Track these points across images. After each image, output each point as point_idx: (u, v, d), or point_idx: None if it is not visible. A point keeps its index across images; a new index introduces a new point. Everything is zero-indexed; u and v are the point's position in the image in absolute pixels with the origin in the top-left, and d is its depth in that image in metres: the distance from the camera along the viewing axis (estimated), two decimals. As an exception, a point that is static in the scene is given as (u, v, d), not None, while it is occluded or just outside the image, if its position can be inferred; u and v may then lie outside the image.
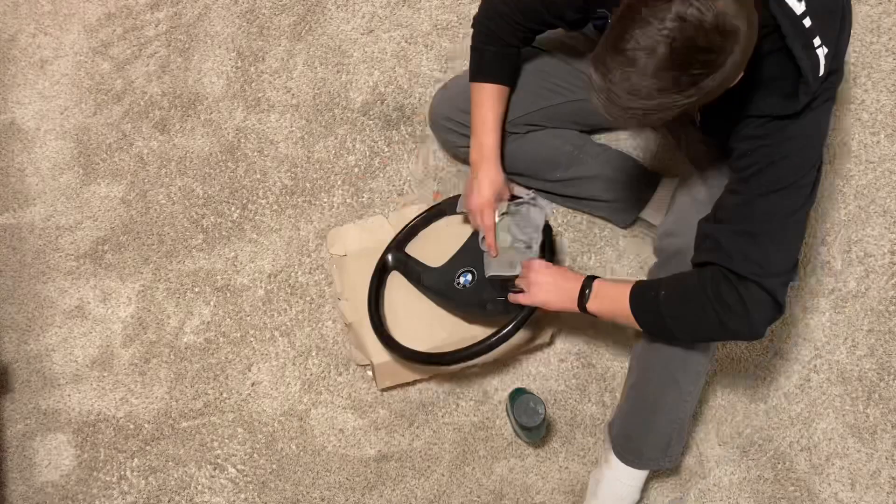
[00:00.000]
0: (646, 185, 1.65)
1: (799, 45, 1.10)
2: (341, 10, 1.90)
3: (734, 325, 1.18)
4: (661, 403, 1.41)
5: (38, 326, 1.78)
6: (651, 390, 1.42)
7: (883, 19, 1.75)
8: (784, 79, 1.13)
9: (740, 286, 1.16)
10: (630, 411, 1.46)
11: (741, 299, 1.16)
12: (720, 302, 1.17)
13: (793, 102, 1.12)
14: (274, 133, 1.84)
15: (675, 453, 1.46)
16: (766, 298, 1.16)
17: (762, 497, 1.56)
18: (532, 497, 1.60)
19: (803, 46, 1.10)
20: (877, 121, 1.71)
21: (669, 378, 1.39)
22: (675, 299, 1.23)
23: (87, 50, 1.95)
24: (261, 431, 1.68)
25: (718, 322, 1.18)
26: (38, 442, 1.72)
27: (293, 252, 1.77)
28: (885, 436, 1.57)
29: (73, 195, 1.86)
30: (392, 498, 1.62)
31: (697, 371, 1.40)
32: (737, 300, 1.16)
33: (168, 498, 1.67)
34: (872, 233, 1.65)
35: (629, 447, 1.45)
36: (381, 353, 1.60)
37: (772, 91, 1.14)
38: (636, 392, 1.44)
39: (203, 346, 1.74)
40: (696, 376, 1.40)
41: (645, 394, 1.43)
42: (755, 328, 1.18)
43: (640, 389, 1.43)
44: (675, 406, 1.41)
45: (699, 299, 1.19)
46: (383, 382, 1.64)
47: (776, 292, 1.16)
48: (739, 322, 1.17)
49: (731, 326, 1.18)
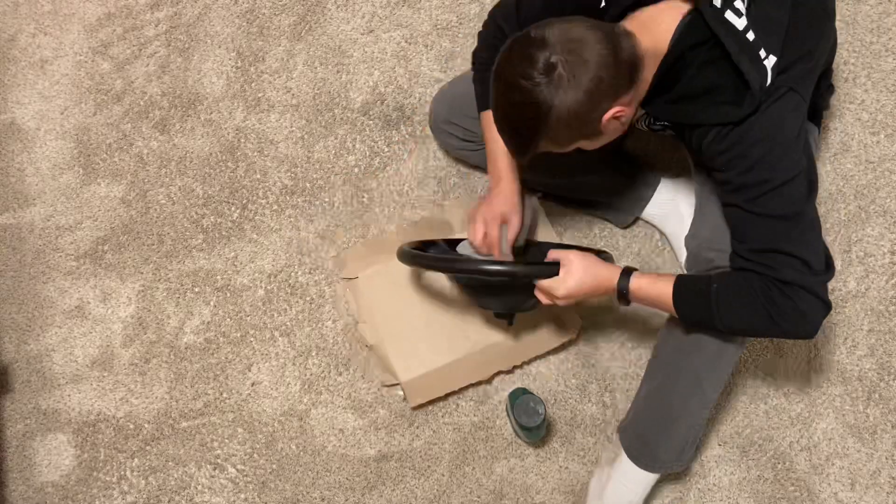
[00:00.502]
0: (645, 185, 1.64)
1: (745, 59, 1.12)
2: (341, 10, 1.90)
3: (788, 327, 1.19)
4: (685, 410, 1.40)
5: (38, 326, 1.78)
6: (676, 396, 1.40)
7: (883, 19, 1.75)
8: (725, 86, 1.14)
9: (790, 292, 1.16)
10: (650, 415, 1.45)
11: (795, 305, 1.17)
12: (775, 306, 1.18)
13: (738, 109, 1.14)
14: (274, 133, 1.84)
15: (687, 456, 1.46)
16: (814, 300, 1.17)
17: (762, 497, 1.56)
18: (532, 497, 1.60)
19: (750, 60, 1.12)
20: (877, 121, 1.71)
21: (696, 385, 1.38)
22: (728, 295, 1.22)
23: (87, 50, 1.95)
24: (261, 431, 1.68)
25: (772, 323, 1.19)
26: (38, 442, 1.72)
27: (293, 252, 1.77)
28: (885, 436, 1.57)
29: (73, 195, 1.86)
30: (392, 498, 1.62)
31: (722, 378, 1.39)
32: (790, 305, 1.17)
33: (168, 498, 1.67)
34: (872, 233, 1.65)
35: (645, 451, 1.45)
36: (408, 371, 1.62)
37: (715, 98, 1.16)
38: (659, 397, 1.42)
39: (203, 346, 1.74)
40: (721, 381, 1.39)
41: (669, 399, 1.41)
42: (809, 329, 1.19)
43: (665, 394, 1.41)
44: (697, 412, 1.40)
45: (754, 300, 1.19)
46: (415, 400, 1.62)
47: (819, 292, 1.17)
48: (794, 325, 1.19)
49: (786, 328, 1.19)
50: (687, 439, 1.43)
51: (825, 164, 1.69)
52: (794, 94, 1.16)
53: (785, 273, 1.16)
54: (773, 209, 1.16)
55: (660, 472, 1.47)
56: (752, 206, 1.17)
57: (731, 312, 1.22)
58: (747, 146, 1.15)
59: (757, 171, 1.15)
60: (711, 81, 1.16)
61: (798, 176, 1.15)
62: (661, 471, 1.46)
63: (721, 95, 1.15)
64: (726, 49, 1.12)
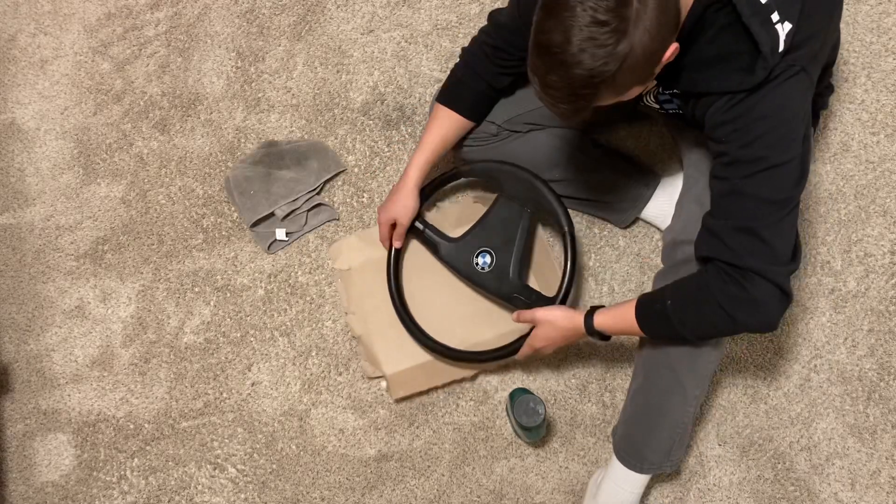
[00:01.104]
0: (645, 185, 1.64)
1: (756, 21, 1.10)
2: (341, 10, 1.90)
3: (744, 319, 1.18)
4: (666, 408, 1.41)
5: (38, 326, 1.78)
6: (655, 395, 1.41)
7: (883, 19, 1.75)
8: (740, 53, 1.13)
9: (745, 281, 1.16)
10: (634, 416, 1.45)
11: (748, 294, 1.16)
12: (728, 298, 1.18)
13: (750, 77, 1.12)
14: (274, 133, 1.84)
15: (676, 457, 1.45)
16: (772, 289, 1.16)
17: (762, 497, 1.56)
18: (532, 497, 1.60)
19: (761, 22, 1.10)
20: (877, 121, 1.71)
21: (675, 383, 1.38)
22: (682, 306, 1.24)
23: (87, 50, 1.95)
24: (261, 431, 1.68)
25: (729, 319, 1.19)
26: (38, 442, 1.72)
27: (293, 252, 1.77)
28: (885, 436, 1.57)
29: (73, 195, 1.86)
30: (392, 498, 1.62)
31: (704, 375, 1.39)
32: (744, 295, 1.17)
33: (168, 498, 1.67)
34: (872, 233, 1.65)
35: (632, 451, 1.45)
36: (392, 363, 1.62)
37: (729, 65, 1.14)
38: (640, 397, 1.43)
39: (203, 346, 1.74)
40: (702, 380, 1.39)
41: (648, 399, 1.42)
42: (767, 320, 1.19)
43: (644, 394, 1.43)
44: (679, 411, 1.41)
45: (707, 300, 1.20)
46: (397, 393, 1.63)
47: (781, 282, 1.16)
48: (749, 316, 1.18)
49: (742, 321, 1.19)
50: (673, 439, 1.43)
51: (825, 164, 1.69)
52: (806, 76, 1.15)
53: (746, 260, 1.16)
54: (762, 190, 1.15)
55: (648, 473, 1.46)
56: (743, 183, 1.16)
57: (690, 321, 1.24)
58: (752, 120, 1.14)
59: (756, 147, 1.14)
60: (727, 47, 1.14)
61: (793, 160, 1.15)
62: (650, 472, 1.46)
63: (735, 62, 1.13)
64: None
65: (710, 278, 1.20)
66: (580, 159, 1.61)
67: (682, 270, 1.34)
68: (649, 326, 1.29)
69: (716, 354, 1.38)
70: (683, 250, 1.37)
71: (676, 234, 1.42)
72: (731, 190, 1.18)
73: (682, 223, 1.42)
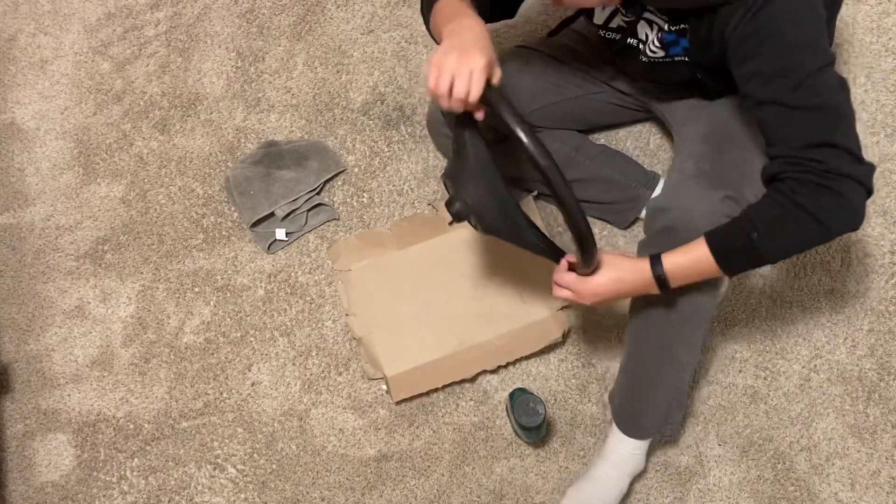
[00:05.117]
0: (645, 185, 1.65)
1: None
2: (341, 10, 1.90)
3: (840, 225, 1.16)
4: (660, 379, 1.41)
5: (38, 326, 1.78)
6: (647, 367, 1.41)
7: (883, 19, 1.75)
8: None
9: (838, 183, 1.13)
10: (628, 387, 1.47)
11: (843, 199, 1.13)
12: (822, 209, 1.14)
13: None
14: (274, 133, 1.84)
15: (676, 419, 1.47)
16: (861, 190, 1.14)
17: (762, 497, 1.56)
18: (532, 497, 1.60)
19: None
20: (877, 121, 1.71)
21: (666, 354, 1.38)
22: (771, 233, 1.18)
23: (87, 50, 1.95)
24: (261, 431, 1.68)
25: (825, 229, 1.15)
26: (38, 442, 1.72)
27: (293, 252, 1.77)
28: (885, 436, 1.57)
29: (73, 195, 1.86)
30: (392, 498, 1.62)
31: (695, 343, 1.38)
32: (838, 202, 1.13)
33: (168, 498, 1.67)
34: (872, 233, 1.65)
35: (630, 421, 1.47)
36: (393, 365, 1.63)
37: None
38: (632, 369, 1.44)
39: (203, 346, 1.74)
40: (693, 347, 1.38)
41: (640, 371, 1.43)
42: (858, 218, 1.16)
43: (636, 366, 1.43)
44: (674, 379, 1.41)
45: (798, 218, 1.16)
46: (398, 395, 1.63)
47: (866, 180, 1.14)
48: (845, 221, 1.16)
49: (837, 228, 1.16)
50: (670, 404, 1.44)
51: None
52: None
53: (837, 165, 1.12)
54: (813, 100, 1.13)
55: (648, 439, 1.48)
56: (792, 97, 1.13)
57: (780, 245, 1.19)
58: (778, 25, 1.12)
59: (790, 54, 1.12)
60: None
61: (830, 65, 1.13)
62: (650, 437, 1.48)
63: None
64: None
65: (799, 197, 1.15)
66: (579, 161, 1.61)
67: (661, 238, 1.30)
68: (729, 262, 1.22)
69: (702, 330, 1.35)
70: (663, 217, 1.32)
71: (657, 202, 1.37)
72: (784, 111, 1.15)
73: (662, 193, 1.40)
